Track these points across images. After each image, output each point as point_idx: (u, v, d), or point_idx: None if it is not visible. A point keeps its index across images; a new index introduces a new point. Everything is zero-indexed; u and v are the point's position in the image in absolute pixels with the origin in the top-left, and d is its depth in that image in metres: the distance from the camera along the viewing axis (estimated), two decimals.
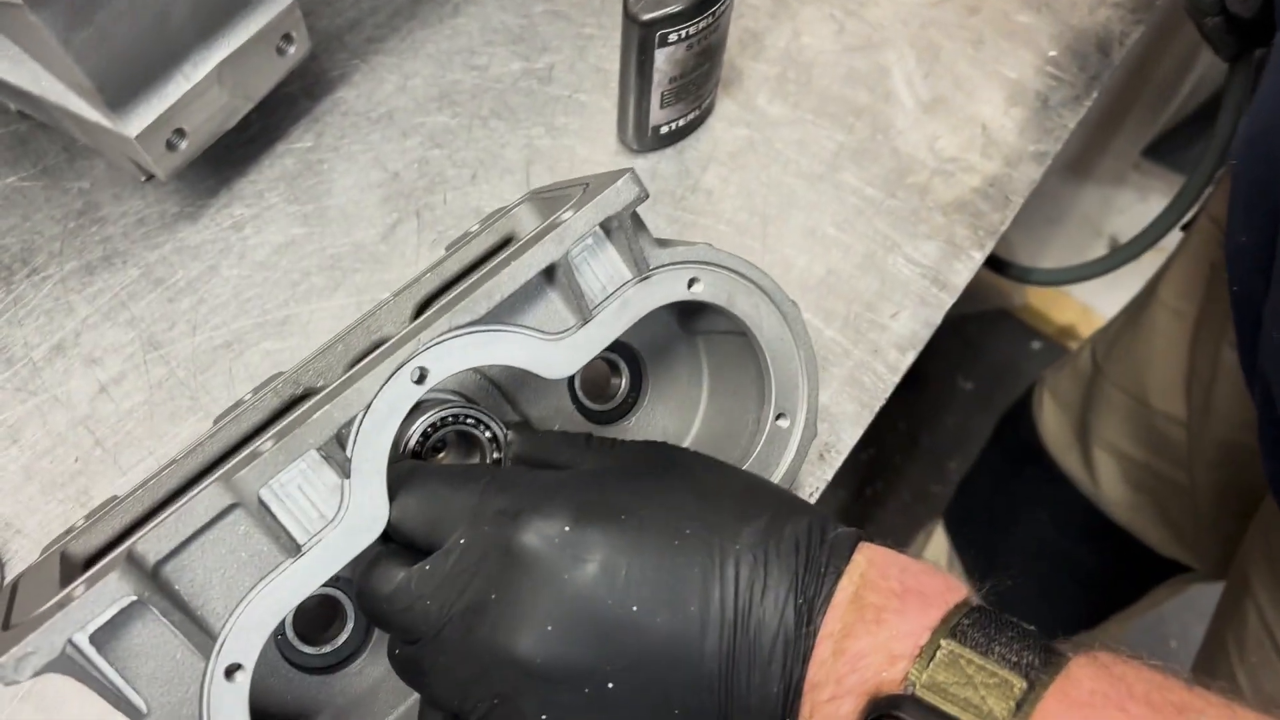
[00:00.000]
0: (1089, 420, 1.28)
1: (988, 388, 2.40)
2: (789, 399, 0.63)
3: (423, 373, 0.51)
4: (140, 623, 0.47)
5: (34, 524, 0.70)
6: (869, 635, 0.46)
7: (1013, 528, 1.47)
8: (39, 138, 0.83)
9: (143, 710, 0.48)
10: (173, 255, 0.79)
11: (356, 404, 0.49)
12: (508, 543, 0.48)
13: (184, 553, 0.48)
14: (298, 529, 0.50)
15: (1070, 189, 2.12)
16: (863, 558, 0.48)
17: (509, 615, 0.48)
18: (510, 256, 0.53)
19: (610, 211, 0.54)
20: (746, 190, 0.84)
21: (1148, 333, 1.15)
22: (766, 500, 0.51)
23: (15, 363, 0.75)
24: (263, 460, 0.48)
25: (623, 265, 0.56)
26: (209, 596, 0.49)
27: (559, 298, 0.55)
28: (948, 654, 0.44)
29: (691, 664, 0.47)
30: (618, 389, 0.69)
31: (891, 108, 0.89)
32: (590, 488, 0.51)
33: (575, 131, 0.86)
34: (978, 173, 0.86)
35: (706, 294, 0.59)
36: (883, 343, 0.80)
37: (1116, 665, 0.44)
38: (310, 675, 0.62)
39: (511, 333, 0.53)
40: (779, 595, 0.47)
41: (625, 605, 0.47)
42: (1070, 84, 0.91)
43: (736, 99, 0.89)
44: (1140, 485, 1.25)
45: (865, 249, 0.83)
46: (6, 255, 0.78)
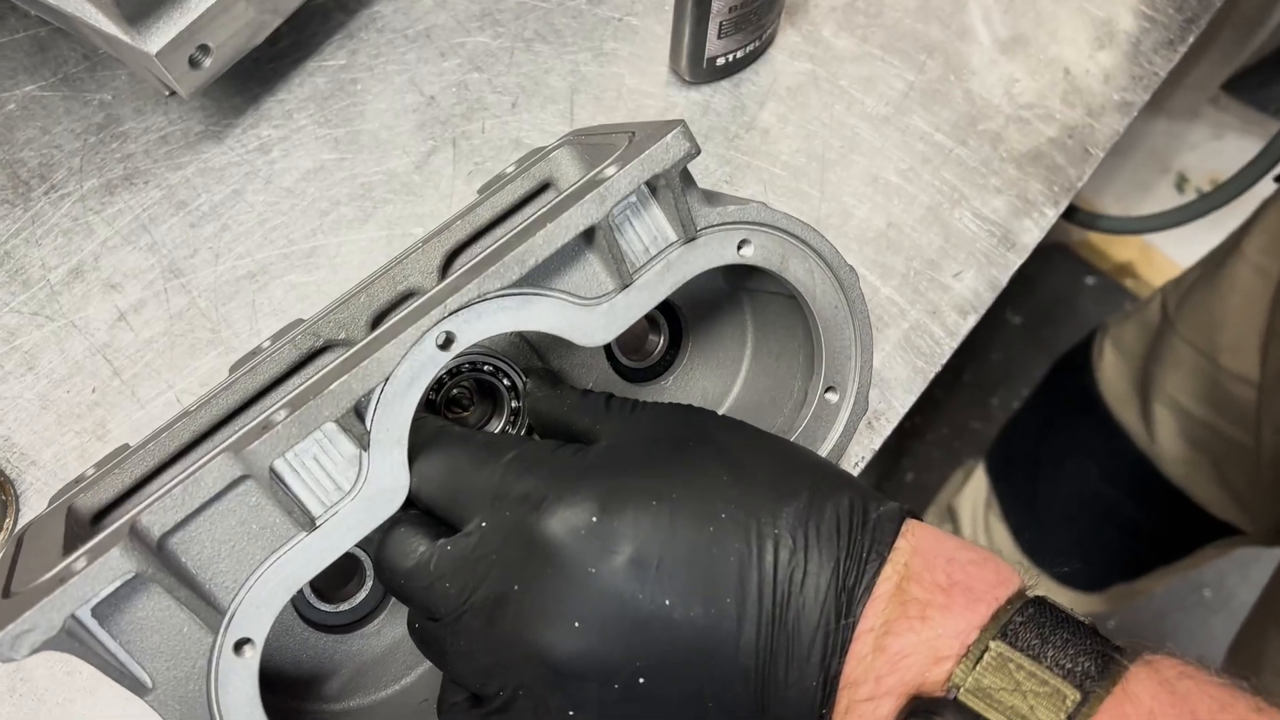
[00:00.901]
0: (1152, 373, 1.23)
1: (1036, 323, 2.33)
2: (840, 372, 0.59)
3: (449, 338, 0.47)
4: (145, 595, 0.45)
5: (49, 455, 0.68)
6: (912, 633, 0.42)
7: (1058, 475, 1.43)
8: (59, 44, 0.78)
9: (147, 685, 0.46)
10: (196, 177, 0.75)
11: (376, 375, 0.46)
12: (530, 532, 0.45)
13: (191, 525, 0.46)
14: (313, 501, 0.47)
15: (1138, 121, 2.02)
16: (907, 544, 0.45)
17: (533, 609, 0.45)
18: (546, 216, 0.48)
19: (657, 169, 0.49)
20: (806, 130, 0.79)
21: (1226, 289, 1.09)
22: (805, 473, 0.48)
23: (33, 285, 0.71)
24: (275, 433, 0.44)
25: (667, 226, 0.51)
26: (217, 570, 0.47)
27: (597, 260, 0.50)
28: (996, 656, 0.41)
29: (727, 657, 0.44)
30: (656, 346, 0.65)
31: (967, 46, 0.82)
32: (617, 470, 0.47)
33: (625, 59, 0.80)
34: (1056, 121, 0.80)
35: (757, 258, 0.54)
36: (942, 304, 0.75)
37: (1181, 681, 0.40)
38: (326, 634, 0.60)
39: (545, 297, 0.49)
40: (820, 583, 0.44)
41: (657, 599, 0.44)
42: (1164, 26, 0.84)
43: (800, 30, 0.82)
44: (1200, 444, 1.21)
45: (930, 201, 0.77)
46: (24, 170, 0.74)
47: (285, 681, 0.59)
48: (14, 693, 0.63)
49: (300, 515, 0.47)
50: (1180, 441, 1.24)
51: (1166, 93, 1.96)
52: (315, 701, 0.60)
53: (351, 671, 0.60)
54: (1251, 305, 1.05)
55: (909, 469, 2.23)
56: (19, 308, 0.71)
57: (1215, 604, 2.17)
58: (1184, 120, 2.00)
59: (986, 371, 2.29)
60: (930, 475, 2.18)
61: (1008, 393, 2.27)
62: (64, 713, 0.63)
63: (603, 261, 0.50)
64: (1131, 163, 2.11)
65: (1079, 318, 2.32)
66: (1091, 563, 1.45)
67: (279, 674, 0.59)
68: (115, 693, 0.63)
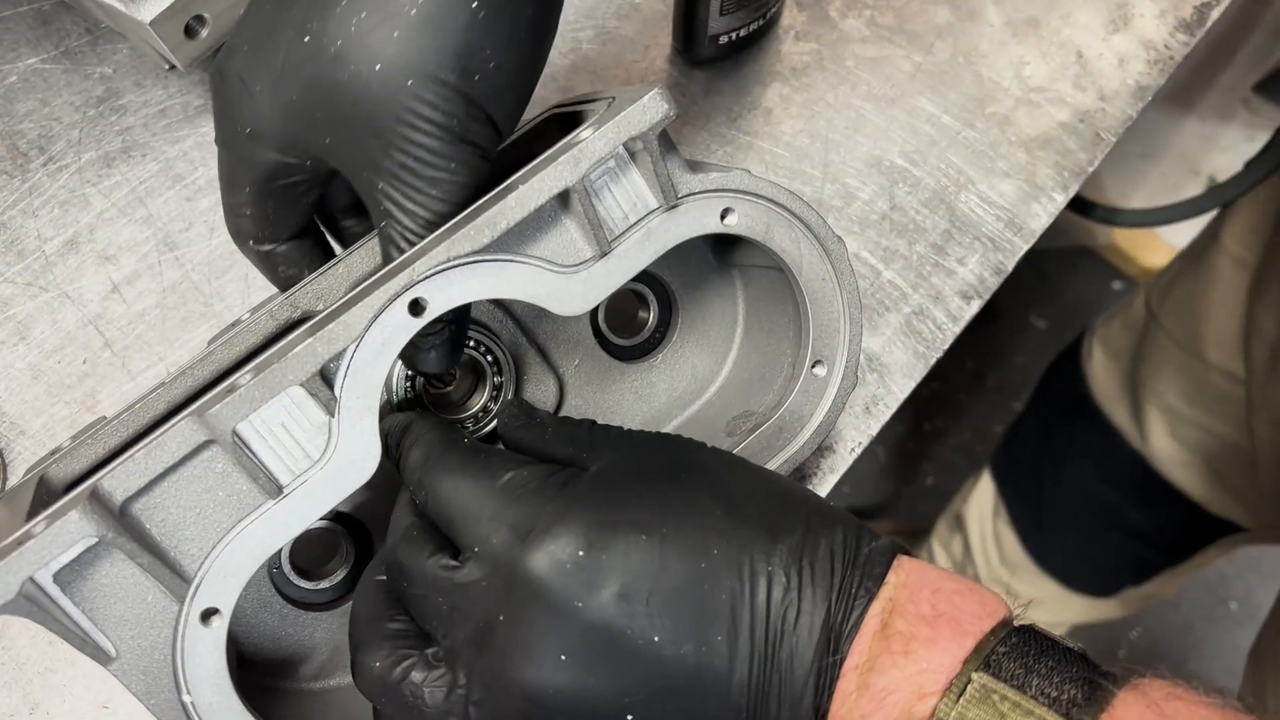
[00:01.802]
0: (1140, 372, 1.21)
1: (1062, 328, 2.29)
2: (828, 345, 0.57)
3: (420, 304, 0.46)
4: (108, 562, 0.44)
5: (39, 425, 0.68)
6: (896, 669, 0.41)
7: (1059, 478, 1.41)
8: (62, 17, 0.78)
9: (111, 654, 0.45)
10: (194, 151, 0.75)
11: (343, 338, 0.45)
12: (515, 564, 0.44)
13: (154, 491, 0.45)
14: (281, 469, 0.46)
15: (1168, 122, 1.98)
16: (895, 578, 0.44)
17: (516, 642, 0.44)
18: (519, 179, 0.47)
19: (634, 131, 0.48)
20: (810, 111, 0.77)
21: (1206, 281, 1.06)
22: (798, 509, 0.46)
23: (27, 256, 0.71)
24: (238, 396, 0.44)
25: (648, 192, 0.50)
26: (183, 537, 0.46)
27: (575, 226, 0.49)
28: (979, 688, 0.40)
29: (719, 696, 0.43)
30: (645, 323, 0.63)
31: (977, 28, 0.81)
32: (606, 502, 0.45)
33: (627, 38, 0.79)
34: (1067, 105, 0.78)
35: (741, 227, 0.53)
36: (946, 289, 0.73)
37: (1169, 702, 0.39)
38: (305, 611, 0.59)
39: (519, 263, 0.48)
40: (813, 622, 0.43)
41: (646, 634, 0.43)
42: (1179, 10, 0.82)
43: (807, 10, 0.81)
44: (1192, 442, 1.18)
45: (935, 184, 0.76)
46: (23, 141, 0.74)
47: (263, 659, 0.59)
48: None
49: (267, 483, 0.46)
50: (1173, 441, 1.21)
51: (1197, 94, 1.92)
52: (294, 680, 0.59)
53: (331, 650, 0.59)
54: (1231, 298, 1.03)
55: (929, 473, 2.21)
56: (13, 278, 0.71)
57: (1241, 617, 2.13)
58: (1215, 122, 1.96)
59: (1010, 376, 2.26)
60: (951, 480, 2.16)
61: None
62: (44, 682, 0.62)
63: (580, 228, 0.49)
64: (1161, 166, 2.08)
65: None
66: (1099, 567, 1.42)
67: (257, 651, 0.58)
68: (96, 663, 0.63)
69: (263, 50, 0.50)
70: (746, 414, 0.60)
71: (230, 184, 0.55)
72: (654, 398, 0.64)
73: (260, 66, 0.50)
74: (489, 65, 0.48)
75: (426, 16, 0.47)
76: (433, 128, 0.48)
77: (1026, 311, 2.33)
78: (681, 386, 0.64)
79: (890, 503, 2.20)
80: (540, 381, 0.60)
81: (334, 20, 0.48)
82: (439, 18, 0.47)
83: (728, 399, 0.63)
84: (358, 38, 0.48)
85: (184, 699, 0.46)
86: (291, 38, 0.49)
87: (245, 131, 0.51)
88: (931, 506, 2.04)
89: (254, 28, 0.51)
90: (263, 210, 0.55)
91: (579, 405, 0.62)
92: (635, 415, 0.63)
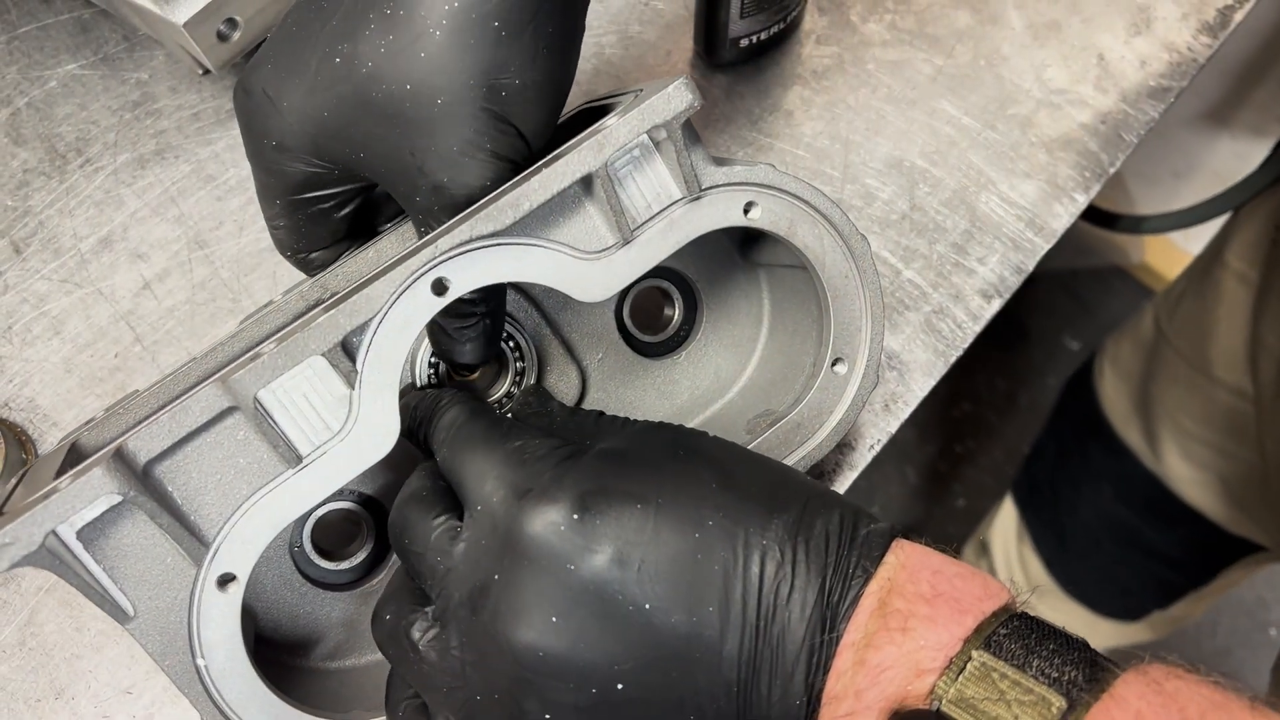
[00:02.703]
0: (1151, 391, 1.19)
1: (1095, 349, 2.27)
2: (849, 343, 0.57)
3: (443, 284, 0.47)
4: (130, 522, 0.45)
5: (70, 417, 0.69)
6: (893, 645, 0.41)
7: (1077, 501, 1.39)
8: (101, 25, 0.81)
9: (129, 612, 0.46)
10: (225, 153, 0.77)
11: (365, 310, 0.46)
12: (511, 524, 0.45)
13: (178, 454, 0.46)
14: (300, 439, 0.47)
15: (1202, 140, 1.97)
16: (894, 558, 0.44)
17: (509, 602, 0.44)
18: (543, 164, 0.48)
19: (658, 119, 0.49)
20: (830, 113, 0.78)
21: (1212, 298, 1.05)
22: (797, 491, 0.46)
23: (64, 254, 0.73)
24: (261, 362, 0.45)
25: (671, 182, 0.51)
26: (203, 502, 0.47)
27: (598, 213, 0.50)
28: (979, 666, 0.40)
29: (709, 669, 0.43)
30: (670, 320, 0.64)
31: (999, 31, 0.81)
32: (604, 471, 0.46)
33: (649, 42, 0.80)
34: (1089, 107, 0.78)
35: (764, 221, 0.53)
36: (966, 288, 0.73)
37: (1169, 681, 0.39)
38: (325, 591, 0.60)
39: (542, 248, 0.49)
40: (806, 599, 0.43)
41: (638, 601, 0.43)
42: (1201, 13, 0.82)
43: (828, 14, 0.82)
44: (1205, 462, 1.16)
45: (956, 184, 0.76)
46: (61, 144, 0.77)
47: (281, 637, 0.59)
48: (23, 646, 0.64)
49: (287, 452, 0.47)
50: (1186, 460, 1.19)
51: (1230, 112, 1.91)
52: (312, 659, 0.59)
53: (347, 631, 0.60)
54: (1237, 315, 1.02)
55: (960, 495, 2.19)
56: (49, 275, 0.73)
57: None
58: (1249, 139, 1.94)
59: (1042, 397, 2.24)
60: (982, 502, 2.14)
61: None
62: (70, 668, 0.63)
63: (603, 215, 0.50)
64: (1194, 184, 2.06)
65: None
66: (1123, 590, 1.39)
67: (276, 629, 0.59)
68: (121, 650, 0.64)
69: (291, 68, 0.52)
70: (767, 413, 0.60)
71: (263, 196, 0.57)
72: (676, 395, 0.65)
73: (288, 83, 0.52)
74: (515, 81, 0.50)
75: (452, 36, 0.49)
76: (463, 144, 0.49)
77: (1059, 332, 2.32)
78: (704, 385, 0.64)
79: (920, 525, 2.18)
80: (563, 372, 0.61)
81: (364, 42, 0.50)
82: (464, 37, 0.49)
83: (750, 399, 0.63)
84: (388, 59, 0.49)
85: (198, 662, 0.47)
86: (322, 57, 0.51)
87: (272, 144, 0.53)
88: (963, 529, 2.02)
89: (281, 47, 0.53)
90: (294, 221, 0.57)
91: (600, 399, 0.63)
92: (657, 412, 0.64)
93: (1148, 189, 2.05)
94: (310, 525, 0.59)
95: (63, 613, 0.64)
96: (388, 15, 0.49)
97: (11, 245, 0.73)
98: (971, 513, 2.12)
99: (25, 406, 0.69)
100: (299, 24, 0.52)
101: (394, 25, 0.49)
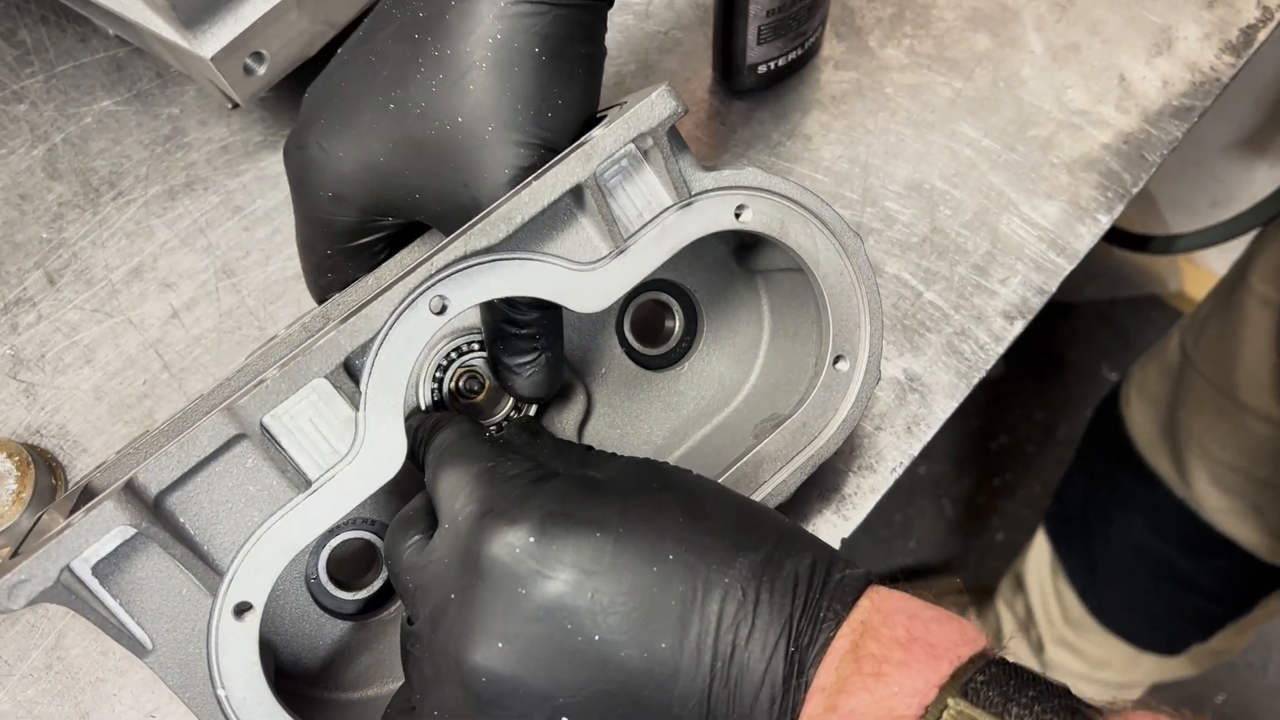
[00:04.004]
0: (1178, 417, 1.17)
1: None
2: (849, 339, 0.57)
3: (444, 303, 0.47)
4: (144, 555, 0.46)
5: (99, 444, 0.70)
6: (866, 691, 0.40)
7: (1108, 531, 1.36)
8: (135, 63, 0.83)
9: (147, 646, 0.47)
10: (253, 184, 0.78)
11: (365, 330, 0.46)
12: (470, 543, 0.44)
13: (188, 484, 0.46)
14: (308, 463, 0.47)
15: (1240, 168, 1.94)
16: (868, 602, 0.43)
17: (461, 621, 0.44)
18: (533, 177, 0.49)
19: (643, 127, 0.49)
20: (849, 137, 0.78)
21: (1237, 321, 1.03)
22: (768, 530, 0.45)
23: (95, 284, 0.75)
24: (265, 387, 0.45)
25: (661, 190, 0.51)
26: (215, 531, 0.47)
27: (591, 224, 0.51)
28: (956, 714, 0.38)
29: (660, 707, 0.42)
30: (671, 332, 0.64)
31: (1018, 54, 0.81)
32: (570, 496, 0.46)
33: (669, 70, 0.81)
34: (1111, 128, 0.78)
35: (755, 223, 0.54)
36: (988, 309, 0.73)
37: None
38: (342, 621, 0.60)
39: (538, 261, 0.49)
40: (767, 641, 0.41)
41: (587, 632, 0.42)
42: (1224, 33, 0.81)
43: (846, 40, 0.82)
44: (1237, 490, 1.13)
45: (977, 206, 0.76)
46: (95, 178, 0.78)
47: (302, 669, 0.59)
48: (49, 669, 0.64)
49: (296, 477, 0.47)
50: (1216, 488, 1.16)
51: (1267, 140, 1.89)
52: (332, 690, 0.60)
53: (368, 660, 0.60)
54: (1261, 339, 1.00)
55: (999, 528, 2.16)
56: (81, 304, 0.74)
57: None
58: None
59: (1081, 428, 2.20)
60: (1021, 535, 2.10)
61: None
62: (95, 691, 0.64)
63: (596, 226, 0.51)
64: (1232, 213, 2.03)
65: None
66: (1160, 623, 1.36)
67: (296, 661, 0.59)
68: (146, 674, 0.64)
69: (344, 120, 0.54)
70: (773, 416, 0.60)
71: (310, 249, 0.59)
72: (682, 406, 0.65)
73: (342, 135, 0.54)
74: (558, 103, 0.52)
75: (497, 67, 0.51)
76: (515, 168, 0.51)
77: (1097, 363, 2.28)
78: (709, 394, 0.65)
79: (958, 559, 2.15)
80: (568, 391, 0.61)
81: (415, 86, 0.52)
82: (508, 66, 0.51)
83: (755, 405, 0.63)
84: (438, 97, 0.51)
85: (218, 693, 0.47)
86: (376, 106, 0.53)
87: (328, 195, 0.55)
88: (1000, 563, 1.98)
89: (331, 103, 0.55)
90: (343, 270, 0.59)
91: (606, 414, 0.63)
92: (664, 423, 0.64)
93: (1186, 219, 2.03)
94: (325, 556, 0.60)
95: (89, 637, 0.65)
96: (435, 56, 0.51)
97: (46, 276, 0.75)
98: (1010, 547, 2.09)
99: (56, 433, 0.70)
100: (348, 79, 0.55)
101: (442, 65, 0.51)
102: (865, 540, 2.17)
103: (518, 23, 0.50)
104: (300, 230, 0.59)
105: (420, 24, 0.52)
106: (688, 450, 0.64)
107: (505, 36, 0.50)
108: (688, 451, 0.64)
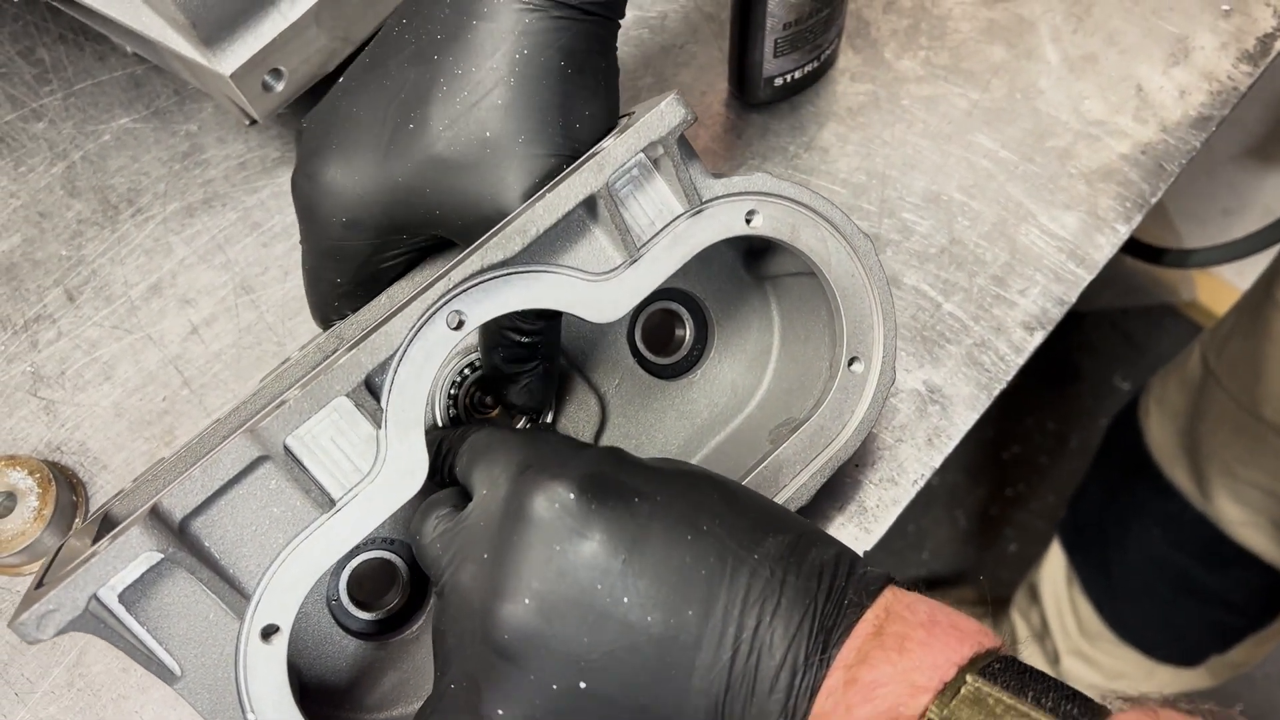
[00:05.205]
0: (1198, 431, 1.16)
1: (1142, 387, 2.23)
2: (863, 341, 0.57)
3: (461, 318, 0.48)
4: (170, 581, 0.46)
5: (120, 460, 0.70)
6: (888, 663, 0.40)
7: (1125, 543, 1.35)
8: (153, 80, 0.83)
9: (176, 672, 0.46)
10: (270, 200, 0.78)
11: (385, 348, 0.46)
12: (513, 498, 0.45)
13: (212, 508, 0.46)
14: (331, 482, 0.47)
15: (1252, 177, 1.94)
16: (890, 594, 0.44)
17: (493, 575, 0.44)
18: (546, 189, 0.49)
19: (653, 136, 0.50)
20: (866, 149, 0.78)
21: (1261, 336, 1.03)
22: (794, 523, 0.47)
23: (114, 301, 0.75)
24: (287, 408, 0.45)
25: (672, 198, 0.52)
26: (241, 554, 0.47)
27: (603, 234, 0.51)
28: (973, 690, 0.39)
29: (681, 676, 0.42)
30: (682, 340, 0.65)
31: (1034, 65, 0.81)
32: (611, 464, 0.47)
33: (685, 84, 0.81)
34: (1128, 138, 0.78)
35: (766, 228, 0.54)
36: (1008, 320, 0.72)
37: (1164, 710, 0.38)
38: (365, 641, 0.60)
39: (553, 273, 0.49)
40: (791, 621, 0.42)
41: (616, 594, 0.43)
42: (1241, 42, 0.81)
43: (862, 53, 0.82)
44: (1257, 504, 1.13)
45: (995, 217, 0.75)
46: (114, 195, 0.79)
47: (327, 691, 0.59)
48: (71, 686, 0.64)
49: (320, 497, 0.47)
50: (1236, 502, 1.16)
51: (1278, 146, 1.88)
52: (357, 711, 0.59)
53: (393, 680, 0.60)
54: None
55: (1012, 539, 2.15)
56: (101, 321, 0.74)
57: None
58: None
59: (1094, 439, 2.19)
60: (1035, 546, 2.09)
61: None
62: (117, 709, 0.64)
63: (609, 236, 0.51)
64: (1245, 222, 2.02)
65: None
66: (1178, 635, 1.35)
67: (321, 684, 0.59)
68: (167, 691, 0.64)
69: (361, 144, 0.54)
70: (788, 421, 0.60)
71: (319, 279, 0.59)
72: (696, 414, 0.65)
73: (356, 160, 0.54)
74: (585, 114, 0.52)
75: (525, 82, 0.51)
76: (545, 177, 0.51)
77: (1110, 372, 2.28)
78: (723, 401, 0.65)
79: (971, 570, 2.14)
80: (582, 402, 0.61)
81: (437, 104, 0.52)
82: (536, 80, 0.51)
83: (770, 410, 0.63)
84: (464, 114, 0.52)
85: (248, 718, 0.47)
86: (395, 128, 0.53)
87: (341, 221, 0.55)
88: (1014, 574, 1.98)
89: (344, 130, 0.55)
90: (354, 294, 0.59)
91: (621, 424, 0.63)
92: (679, 432, 0.64)
93: (1198, 227, 2.03)
94: (345, 576, 0.60)
95: (110, 654, 0.65)
96: (458, 75, 0.52)
97: (65, 293, 0.75)
98: (1023, 557, 2.08)
99: (76, 450, 0.71)
100: (361, 106, 0.55)
101: (465, 83, 0.51)
102: (879, 552, 2.16)
103: (541, 38, 0.51)
104: (308, 259, 0.59)
105: (438, 45, 0.53)
106: (704, 458, 0.64)
107: (530, 52, 0.51)
108: (704, 459, 0.64)
